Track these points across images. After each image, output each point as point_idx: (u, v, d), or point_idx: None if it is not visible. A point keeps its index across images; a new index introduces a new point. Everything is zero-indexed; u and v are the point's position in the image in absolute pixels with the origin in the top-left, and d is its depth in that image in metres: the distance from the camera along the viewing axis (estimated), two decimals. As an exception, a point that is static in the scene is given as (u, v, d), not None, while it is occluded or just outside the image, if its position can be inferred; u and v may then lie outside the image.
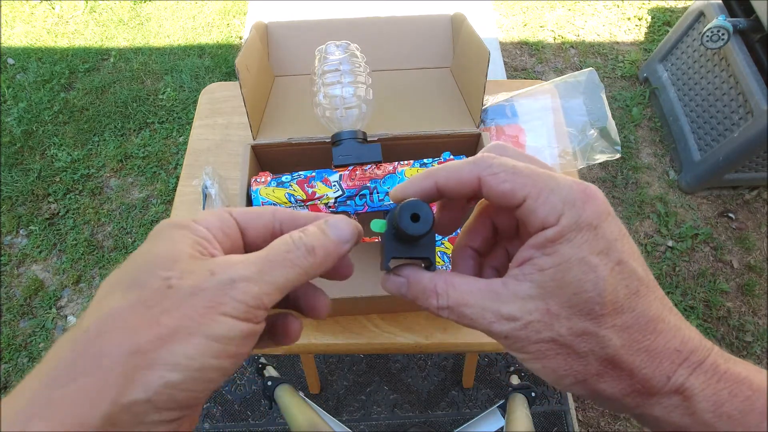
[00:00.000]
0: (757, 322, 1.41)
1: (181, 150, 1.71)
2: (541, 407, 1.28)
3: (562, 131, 0.77)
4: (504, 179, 0.20)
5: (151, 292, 0.17)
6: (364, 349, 0.63)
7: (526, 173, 0.20)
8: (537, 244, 0.20)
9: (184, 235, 0.19)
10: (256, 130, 0.68)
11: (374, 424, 1.26)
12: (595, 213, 0.19)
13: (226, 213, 0.22)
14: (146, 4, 2.14)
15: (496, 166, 0.21)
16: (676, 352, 0.19)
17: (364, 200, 0.59)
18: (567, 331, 0.19)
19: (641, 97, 1.82)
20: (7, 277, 1.48)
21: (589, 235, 0.19)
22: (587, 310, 0.19)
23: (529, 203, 0.20)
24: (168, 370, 0.16)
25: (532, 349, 0.20)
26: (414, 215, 0.21)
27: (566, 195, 0.19)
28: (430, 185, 0.22)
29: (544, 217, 0.19)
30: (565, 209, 0.19)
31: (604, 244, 0.19)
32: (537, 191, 0.20)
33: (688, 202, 1.61)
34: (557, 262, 0.19)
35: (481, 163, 0.21)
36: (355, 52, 0.66)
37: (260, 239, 0.22)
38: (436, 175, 0.22)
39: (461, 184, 0.21)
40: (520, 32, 2.05)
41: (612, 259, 0.19)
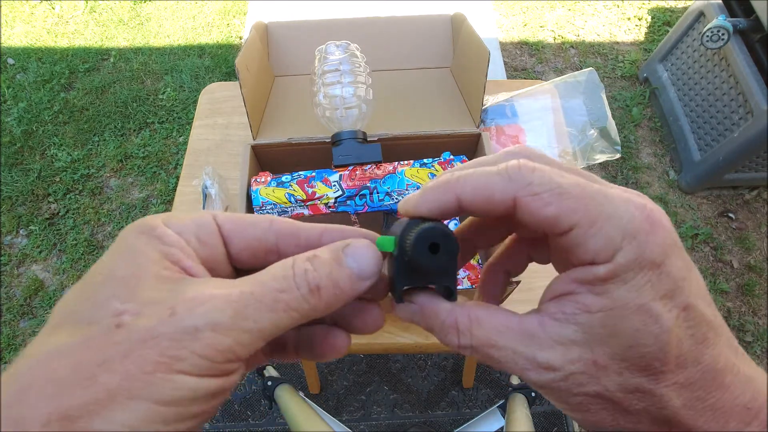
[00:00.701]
0: (757, 322, 1.41)
1: (181, 150, 1.71)
2: (541, 407, 1.28)
3: (562, 131, 0.77)
4: (548, 202, 0.16)
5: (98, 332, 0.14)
6: (364, 349, 0.63)
7: (574, 194, 0.16)
8: (583, 280, 0.16)
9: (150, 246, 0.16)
10: (256, 130, 0.68)
11: (374, 424, 1.26)
12: (661, 247, 0.16)
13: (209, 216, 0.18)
14: (146, 4, 2.14)
15: (538, 184, 0.16)
16: (745, 409, 0.16)
17: (364, 200, 0.59)
18: (617, 387, 0.16)
19: (641, 97, 1.82)
20: (7, 277, 1.48)
21: (651, 276, 0.16)
22: (644, 365, 0.16)
23: (577, 233, 0.16)
24: None
25: (572, 401, 0.17)
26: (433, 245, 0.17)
27: (626, 224, 0.16)
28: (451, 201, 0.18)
29: (595, 252, 0.16)
30: (624, 243, 0.15)
31: (670, 286, 0.16)
32: (589, 220, 0.16)
33: (688, 202, 1.61)
34: (609, 306, 0.16)
35: (518, 178, 0.17)
36: (355, 52, 0.66)
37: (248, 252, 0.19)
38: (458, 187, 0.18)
39: (491, 203, 0.17)
40: (520, 32, 2.05)
41: (678, 304, 0.16)
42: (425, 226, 0.17)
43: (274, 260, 0.18)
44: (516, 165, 0.17)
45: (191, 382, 0.14)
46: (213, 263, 0.18)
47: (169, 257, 0.16)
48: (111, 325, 0.14)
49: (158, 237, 0.16)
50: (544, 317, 0.17)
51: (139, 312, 0.14)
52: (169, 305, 0.15)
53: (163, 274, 0.16)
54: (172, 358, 0.14)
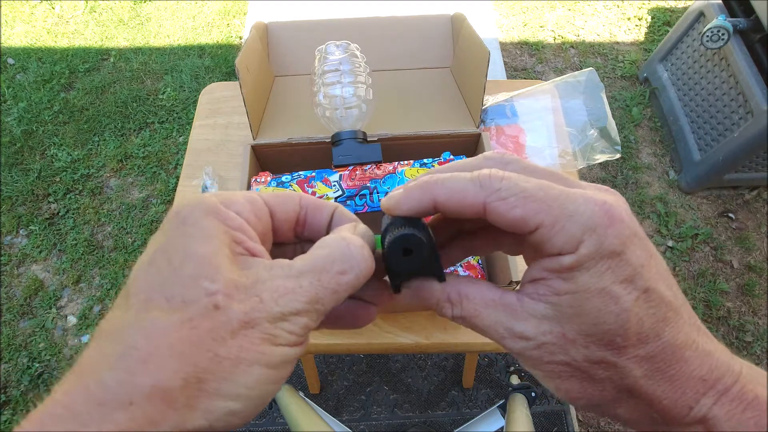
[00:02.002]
0: (757, 322, 1.41)
1: (181, 150, 1.71)
2: (541, 407, 1.28)
3: (562, 131, 0.77)
4: (514, 205, 0.18)
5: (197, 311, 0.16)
6: (364, 349, 0.63)
7: (539, 197, 0.18)
8: (552, 269, 0.19)
9: (218, 228, 0.18)
10: (256, 130, 0.68)
11: (374, 424, 1.26)
12: (620, 238, 0.18)
13: (256, 195, 0.20)
14: (146, 4, 2.14)
15: (505, 189, 0.18)
16: (701, 381, 0.18)
17: (364, 200, 0.59)
18: (583, 358, 0.19)
19: (641, 97, 1.82)
20: (7, 277, 1.48)
21: (611, 263, 0.17)
22: (606, 341, 0.18)
23: (542, 231, 0.18)
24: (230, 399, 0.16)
25: (545, 368, 0.20)
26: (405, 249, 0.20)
27: (586, 221, 0.17)
28: (428, 202, 0.20)
29: (560, 246, 0.18)
30: (585, 236, 0.17)
31: (629, 272, 0.18)
32: (552, 219, 0.18)
33: (688, 202, 1.61)
34: (574, 289, 0.18)
35: (487, 185, 0.19)
36: (355, 52, 0.65)
37: (287, 224, 0.22)
38: (435, 190, 0.20)
39: (463, 207, 0.19)
40: (520, 32, 2.05)
41: (638, 287, 0.18)
42: (397, 234, 0.19)
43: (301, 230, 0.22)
44: (487, 174, 0.19)
45: (286, 350, 0.17)
46: (264, 236, 0.21)
47: (235, 239, 0.18)
48: (209, 306, 0.16)
49: (224, 220, 0.18)
50: (522, 295, 0.20)
51: (231, 294, 0.17)
52: (254, 292, 0.17)
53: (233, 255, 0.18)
54: (272, 335, 0.17)
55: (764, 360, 1.36)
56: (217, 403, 0.16)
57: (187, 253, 0.17)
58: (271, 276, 0.18)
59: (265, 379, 0.17)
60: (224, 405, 0.16)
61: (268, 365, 0.17)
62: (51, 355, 1.35)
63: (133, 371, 0.15)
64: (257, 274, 0.18)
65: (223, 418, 0.16)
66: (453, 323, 0.64)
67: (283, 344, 0.17)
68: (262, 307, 0.17)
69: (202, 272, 0.17)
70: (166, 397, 0.15)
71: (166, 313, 0.16)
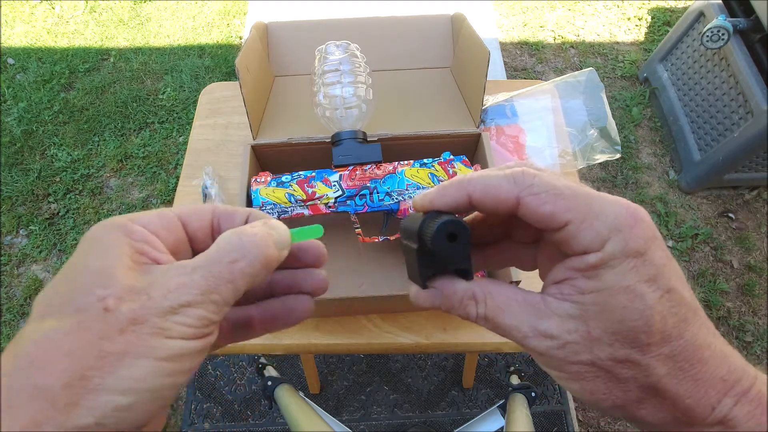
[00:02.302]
0: (757, 322, 1.41)
1: (181, 150, 1.71)
2: (541, 407, 1.28)
3: (562, 131, 0.77)
4: (545, 201, 0.19)
5: (89, 315, 0.16)
6: (364, 349, 0.63)
7: (568, 195, 0.19)
8: (577, 268, 0.19)
9: (119, 241, 0.18)
10: (256, 130, 0.68)
11: (374, 424, 1.26)
12: (643, 239, 0.18)
13: (167, 210, 0.21)
14: (146, 4, 2.14)
15: (537, 185, 0.19)
16: (721, 381, 0.19)
17: (364, 200, 0.59)
18: (607, 356, 0.19)
19: (641, 97, 1.82)
20: (7, 277, 1.48)
21: (636, 262, 0.18)
22: (632, 338, 0.18)
23: (570, 228, 0.19)
24: (117, 394, 0.16)
25: (570, 369, 0.19)
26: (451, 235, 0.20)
27: (613, 220, 0.18)
28: (463, 197, 0.21)
29: (587, 244, 0.18)
30: (612, 235, 0.18)
31: (653, 271, 0.18)
32: (581, 216, 0.18)
33: (688, 202, 1.61)
34: (599, 287, 0.18)
35: (520, 181, 0.20)
36: (355, 52, 0.66)
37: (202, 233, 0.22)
38: (469, 187, 0.21)
39: (497, 201, 0.20)
40: (520, 32, 2.05)
41: (661, 286, 0.18)
42: (444, 219, 0.20)
43: None
44: (520, 171, 0.20)
45: (181, 343, 0.17)
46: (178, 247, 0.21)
47: (138, 250, 0.19)
48: (99, 309, 0.16)
49: (127, 233, 0.19)
50: (546, 296, 0.20)
51: (122, 297, 0.17)
52: (145, 291, 0.17)
53: (134, 264, 0.18)
54: (162, 329, 0.17)
55: (764, 360, 1.36)
56: (101, 398, 0.16)
57: (84, 267, 0.18)
58: (165, 276, 0.18)
59: (156, 372, 0.16)
60: (110, 399, 0.16)
61: (160, 358, 0.17)
62: (51, 355, 1.35)
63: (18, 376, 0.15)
64: (153, 276, 0.18)
65: (111, 413, 0.16)
66: (453, 323, 0.64)
67: (177, 337, 0.17)
68: (150, 304, 0.17)
69: (95, 281, 0.17)
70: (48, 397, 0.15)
71: (59, 321, 0.16)
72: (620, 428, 1.27)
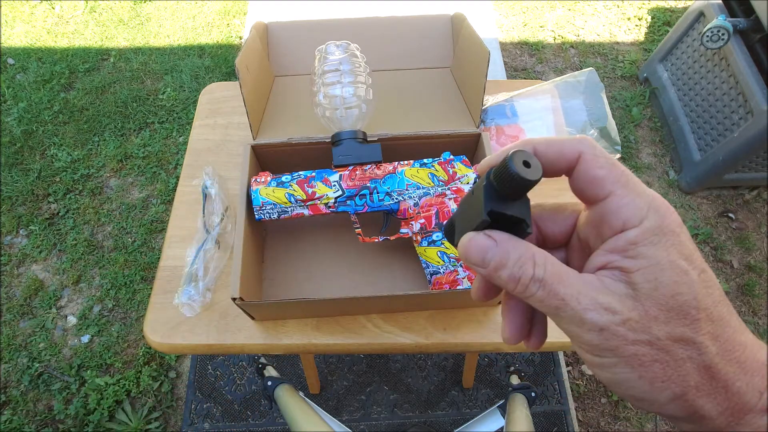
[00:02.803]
0: (757, 322, 1.41)
1: (181, 150, 1.71)
2: (541, 407, 1.28)
3: (562, 131, 0.77)
4: (602, 165, 0.20)
5: None
6: (364, 349, 0.63)
7: (620, 168, 0.20)
8: (617, 248, 0.19)
9: None
10: (256, 130, 0.68)
11: (374, 424, 1.26)
12: (676, 222, 0.19)
13: None
14: (146, 4, 2.14)
15: (599, 150, 0.21)
16: (763, 365, 0.19)
17: (364, 200, 0.59)
18: (665, 335, 0.18)
19: (641, 97, 1.82)
20: (7, 277, 1.48)
21: (673, 240, 0.19)
22: (684, 313, 0.18)
23: (613, 200, 0.20)
24: None
25: (628, 351, 0.19)
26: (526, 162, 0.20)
27: (651, 201, 0.19)
28: (530, 149, 0.21)
29: (627, 218, 0.19)
30: (650, 213, 0.19)
31: (688, 252, 0.19)
32: (626, 190, 0.20)
33: (688, 202, 1.61)
34: (645, 264, 0.19)
35: (585, 142, 0.21)
36: (355, 52, 0.65)
37: None
38: (535, 141, 0.22)
39: (561, 155, 0.21)
40: (520, 32, 2.05)
41: (696, 266, 0.19)
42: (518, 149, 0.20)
43: None
44: (584, 136, 0.21)
45: None
46: None
47: None
48: None
49: None
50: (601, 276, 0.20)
51: None
52: None
53: None
54: None
55: (764, 360, 1.36)
56: None
57: None
58: None
59: None
60: None
61: None
62: (51, 355, 1.35)
63: None
64: None
65: None
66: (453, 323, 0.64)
67: None
68: None
69: None
70: None
71: None
72: (620, 428, 1.27)
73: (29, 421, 1.27)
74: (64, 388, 1.31)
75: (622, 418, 1.28)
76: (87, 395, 1.29)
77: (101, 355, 1.35)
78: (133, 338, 1.38)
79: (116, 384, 1.30)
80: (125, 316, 1.41)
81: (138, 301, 1.43)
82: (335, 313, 0.64)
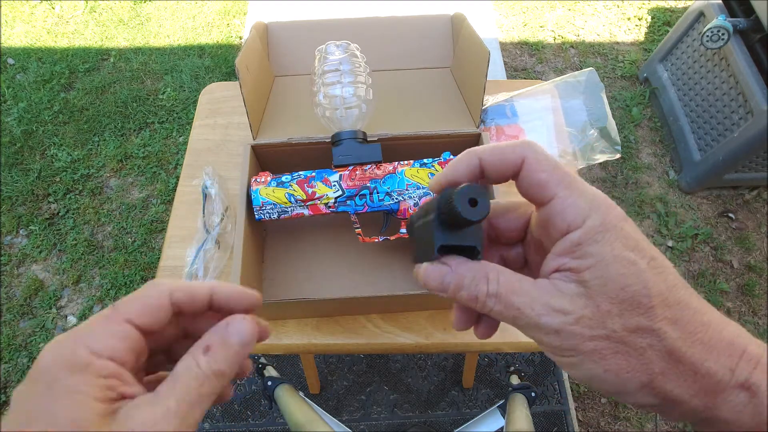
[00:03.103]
0: (757, 322, 1.41)
1: (181, 150, 1.71)
2: (541, 407, 1.28)
3: (562, 131, 0.77)
4: (544, 168, 0.21)
5: None
6: (364, 349, 0.63)
7: (562, 171, 0.21)
8: (564, 250, 0.20)
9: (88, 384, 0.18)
10: (256, 130, 0.68)
11: (374, 424, 1.26)
12: (618, 217, 0.20)
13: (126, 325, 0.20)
14: (146, 4, 2.14)
15: (541, 153, 0.21)
16: (730, 344, 0.19)
17: (364, 200, 0.59)
18: (621, 327, 0.19)
19: (641, 97, 1.82)
20: (7, 277, 1.48)
21: (617, 234, 0.19)
22: (636, 303, 0.19)
23: (557, 202, 0.20)
24: None
25: (587, 347, 0.19)
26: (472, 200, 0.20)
27: (592, 200, 0.20)
28: (474, 161, 0.22)
29: (571, 219, 0.20)
30: (591, 212, 0.20)
31: (633, 243, 0.19)
32: (569, 191, 0.20)
33: (688, 202, 1.61)
34: (592, 262, 0.19)
35: (528, 146, 0.21)
36: (355, 52, 0.65)
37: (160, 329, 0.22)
38: (479, 153, 0.22)
39: (504, 161, 0.21)
40: (520, 32, 2.05)
41: (645, 255, 0.19)
42: (465, 186, 0.21)
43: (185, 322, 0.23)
44: (527, 140, 0.22)
45: None
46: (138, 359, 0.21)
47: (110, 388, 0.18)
48: None
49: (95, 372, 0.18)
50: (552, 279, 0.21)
51: None
52: None
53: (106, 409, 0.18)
54: None
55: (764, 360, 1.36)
56: None
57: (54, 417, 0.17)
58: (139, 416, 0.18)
59: None
60: None
61: None
62: (51, 355, 1.35)
63: None
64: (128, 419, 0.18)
65: None
66: (453, 323, 0.64)
67: None
68: None
69: None
70: None
71: None
72: (620, 428, 1.27)
73: (29, 421, 1.27)
74: (64, 388, 1.31)
75: (622, 418, 1.28)
76: (87, 395, 1.29)
77: (101, 355, 1.35)
78: (133, 338, 1.38)
79: (116, 384, 1.30)
80: (125, 316, 1.41)
81: (138, 301, 1.43)
82: (335, 313, 0.64)
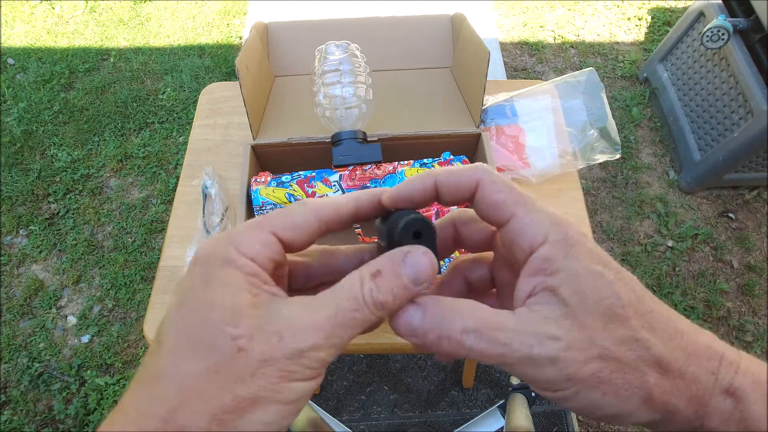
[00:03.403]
0: (757, 322, 1.41)
1: (181, 150, 1.71)
2: (541, 407, 1.28)
3: (562, 131, 0.77)
4: (500, 189, 0.21)
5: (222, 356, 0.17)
6: (364, 349, 0.63)
7: (517, 191, 0.21)
8: (536, 269, 0.19)
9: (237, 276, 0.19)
10: (256, 130, 0.68)
11: (374, 424, 1.26)
12: (578, 232, 0.20)
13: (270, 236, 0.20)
14: (146, 4, 2.14)
15: (495, 176, 0.21)
16: (708, 348, 0.19)
17: (364, 200, 0.59)
18: (610, 342, 0.18)
19: (641, 97, 1.82)
20: (7, 277, 1.48)
21: (582, 248, 0.19)
22: (614, 315, 0.18)
23: (516, 221, 0.20)
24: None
25: (584, 373, 0.18)
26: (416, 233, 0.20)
27: (551, 217, 0.20)
28: (430, 184, 0.22)
29: (532, 236, 0.20)
30: (551, 228, 0.20)
31: (597, 256, 0.19)
32: (526, 209, 0.20)
33: (688, 202, 1.61)
34: (565, 277, 0.19)
35: (482, 168, 0.21)
36: (355, 52, 0.66)
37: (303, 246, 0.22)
38: (435, 174, 0.22)
39: (459, 185, 0.22)
40: (520, 32, 2.05)
41: (610, 267, 0.19)
42: (410, 218, 0.21)
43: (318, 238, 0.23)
44: (482, 164, 0.22)
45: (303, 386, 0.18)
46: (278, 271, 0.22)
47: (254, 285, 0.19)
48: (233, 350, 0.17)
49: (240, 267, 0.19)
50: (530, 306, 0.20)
51: (252, 336, 0.18)
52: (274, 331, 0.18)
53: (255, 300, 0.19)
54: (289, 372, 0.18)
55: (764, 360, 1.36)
56: None
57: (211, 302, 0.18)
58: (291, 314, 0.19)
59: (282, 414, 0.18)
60: None
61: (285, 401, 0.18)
62: (51, 355, 1.35)
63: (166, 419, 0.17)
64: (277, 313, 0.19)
65: None
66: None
67: (300, 379, 0.18)
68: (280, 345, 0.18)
69: (225, 319, 0.18)
70: None
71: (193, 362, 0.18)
72: (620, 428, 1.27)
73: (29, 421, 1.27)
74: (64, 388, 1.31)
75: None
76: (87, 395, 1.29)
77: (101, 355, 1.35)
78: (134, 338, 1.38)
79: (116, 384, 1.30)
80: (125, 316, 1.41)
81: (138, 301, 1.43)
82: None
